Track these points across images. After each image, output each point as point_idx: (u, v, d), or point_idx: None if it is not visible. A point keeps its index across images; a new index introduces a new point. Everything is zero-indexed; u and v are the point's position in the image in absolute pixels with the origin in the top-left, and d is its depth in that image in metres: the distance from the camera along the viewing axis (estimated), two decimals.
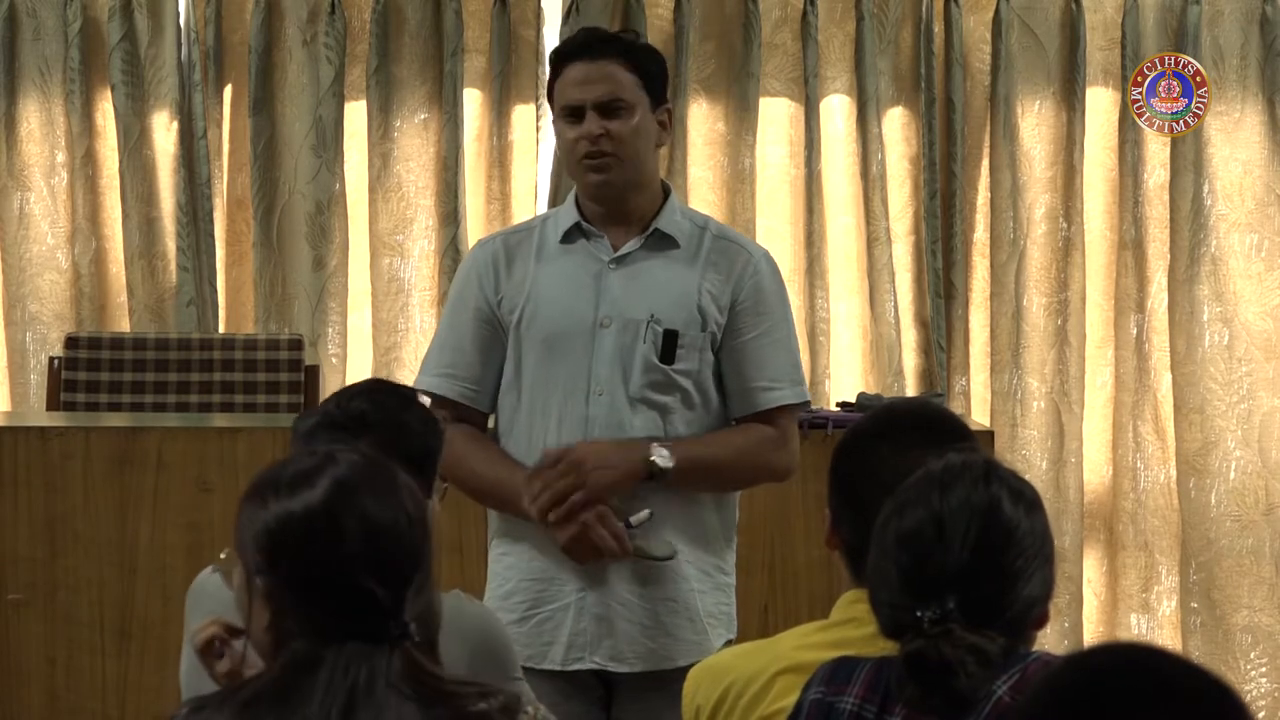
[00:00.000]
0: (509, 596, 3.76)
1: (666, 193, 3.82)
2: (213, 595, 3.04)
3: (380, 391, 3.09)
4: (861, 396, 5.15)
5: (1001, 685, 2.30)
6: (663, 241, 3.77)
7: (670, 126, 3.86)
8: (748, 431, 3.78)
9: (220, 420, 5.24)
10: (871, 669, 2.42)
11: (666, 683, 3.62)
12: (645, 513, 3.67)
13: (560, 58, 3.80)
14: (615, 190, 3.75)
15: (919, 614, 2.31)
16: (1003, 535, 2.38)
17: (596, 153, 3.71)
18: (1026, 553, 2.39)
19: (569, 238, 3.78)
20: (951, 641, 2.30)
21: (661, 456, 3.66)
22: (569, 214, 3.80)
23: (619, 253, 3.76)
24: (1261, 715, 6.09)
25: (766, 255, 3.86)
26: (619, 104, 3.73)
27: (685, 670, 3.60)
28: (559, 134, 3.79)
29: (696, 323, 3.73)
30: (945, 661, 2.29)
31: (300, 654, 2.29)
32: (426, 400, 3.18)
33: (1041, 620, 2.42)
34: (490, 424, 3.86)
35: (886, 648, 2.45)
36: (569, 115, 3.75)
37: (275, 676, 2.30)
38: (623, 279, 3.75)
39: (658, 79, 3.81)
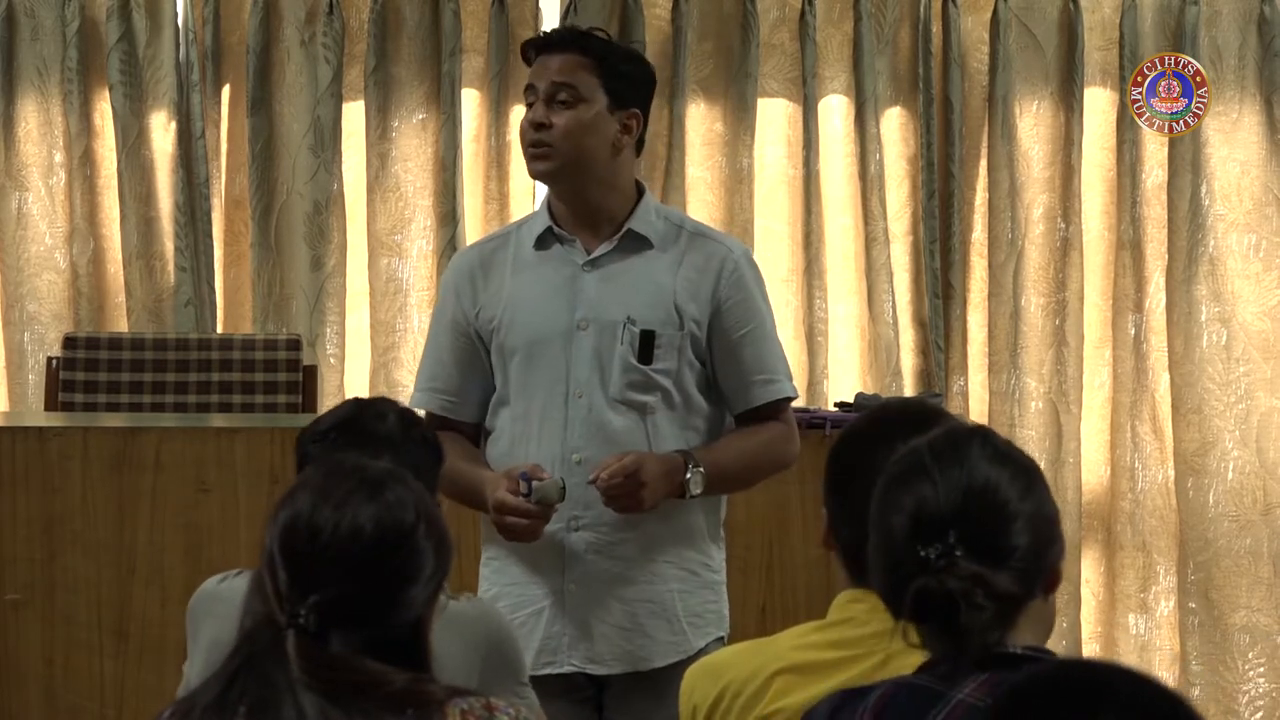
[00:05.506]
0: (495, 601, 3.75)
1: (640, 193, 3.80)
2: (225, 599, 3.04)
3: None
4: (859, 397, 5.15)
5: (964, 688, 2.27)
6: (636, 242, 3.76)
7: (637, 132, 3.76)
8: (759, 432, 3.77)
9: (218, 421, 5.24)
10: (884, 693, 2.37)
11: (652, 682, 3.64)
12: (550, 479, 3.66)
13: (530, 47, 3.81)
14: (555, 182, 3.75)
15: (923, 553, 2.28)
16: (988, 479, 2.37)
17: (537, 141, 3.72)
18: (1014, 499, 2.39)
19: (542, 243, 3.77)
20: (956, 574, 2.27)
21: (695, 482, 3.67)
22: (541, 219, 3.79)
23: (592, 255, 3.74)
24: (1260, 715, 6.09)
25: (745, 251, 3.84)
26: (567, 96, 3.71)
27: (666, 670, 3.64)
28: None
29: (674, 322, 3.72)
30: (947, 592, 2.26)
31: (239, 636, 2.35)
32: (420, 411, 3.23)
33: (1053, 580, 2.39)
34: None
35: (884, 649, 2.44)
36: (527, 99, 3.76)
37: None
38: (598, 281, 3.73)
39: (626, 81, 3.75)
